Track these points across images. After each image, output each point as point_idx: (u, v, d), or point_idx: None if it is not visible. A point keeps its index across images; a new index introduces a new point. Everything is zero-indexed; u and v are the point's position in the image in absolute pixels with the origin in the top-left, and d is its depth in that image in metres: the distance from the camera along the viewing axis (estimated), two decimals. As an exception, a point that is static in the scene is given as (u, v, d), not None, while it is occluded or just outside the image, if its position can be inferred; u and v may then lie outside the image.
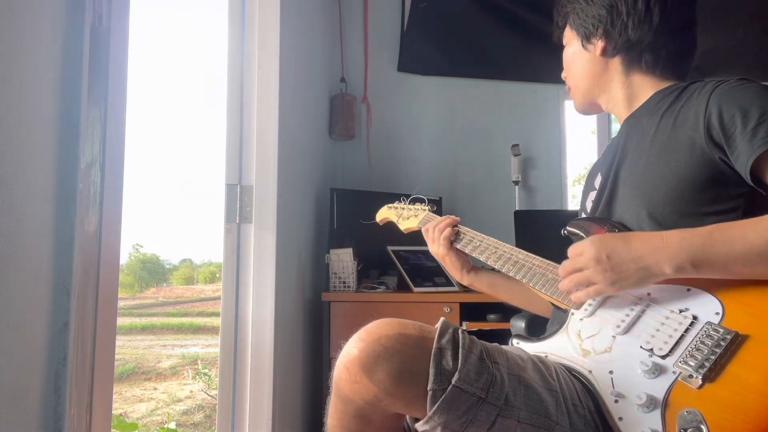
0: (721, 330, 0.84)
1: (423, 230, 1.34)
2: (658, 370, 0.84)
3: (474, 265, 1.30)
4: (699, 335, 0.85)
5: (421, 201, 1.46)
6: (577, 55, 1.17)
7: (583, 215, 1.18)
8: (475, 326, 2.06)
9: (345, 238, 2.30)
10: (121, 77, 1.03)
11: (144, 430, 3.66)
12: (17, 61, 0.81)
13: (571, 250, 0.96)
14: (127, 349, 5.86)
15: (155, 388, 4.81)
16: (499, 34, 2.84)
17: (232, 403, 1.64)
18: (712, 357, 0.81)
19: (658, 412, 0.81)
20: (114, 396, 1.06)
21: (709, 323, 0.85)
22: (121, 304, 1.09)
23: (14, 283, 0.80)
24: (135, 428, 2.63)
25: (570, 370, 0.94)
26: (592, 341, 0.95)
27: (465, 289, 2.28)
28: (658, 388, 0.83)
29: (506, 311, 2.07)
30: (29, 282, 0.84)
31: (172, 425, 3.47)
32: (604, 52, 1.12)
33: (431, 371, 0.82)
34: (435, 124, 2.83)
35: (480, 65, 2.85)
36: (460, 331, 0.89)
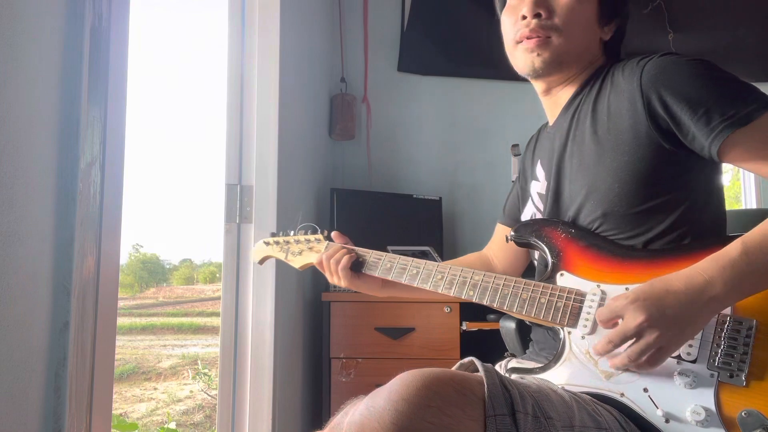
0: (743, 321, 0.80)
1: (317, 264, 1.17)
2: (697, 379, 0.80)
3: (384, 279, 1.16)
4: (720, 331, 0.81)
5: (312, 230, 1.21)
6: (587, 17, 1.03)
7: (530, 203, 1.12)
8: (475, 326, 2.06)
9: (345, 238, 2.29)
10: (121, 77, 1.03)
11: (144, 430, 3.66)
12: (17, 60, 0.81)
13: (606, 313, 0.82)
14: (127, 349, 5.85)
15: (155, 388, 4.80)
16: (500, 34, 2.83)
17: (232, 403, 1.64)
18: (748, 350, 0.78)
19: (719, 424, 0.77)
20: (114, 396, 1.06)
21: (723, 316, 0.82)
22: (121, 304, 1.08)
23: (14, 283, 0.80)
24: (135, 428, 2.63)
25: (598, 398, 0.85)
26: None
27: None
28: (706, 397, 0.79)
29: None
30: (29, 282, 0.83)
31: (172, 425, 3.47)
32: (604, 38, 1.06)
33: None
34: (435, 124, 2.83)
35: (480, 65, 2.85)
36: (507, 383, 0.76)
